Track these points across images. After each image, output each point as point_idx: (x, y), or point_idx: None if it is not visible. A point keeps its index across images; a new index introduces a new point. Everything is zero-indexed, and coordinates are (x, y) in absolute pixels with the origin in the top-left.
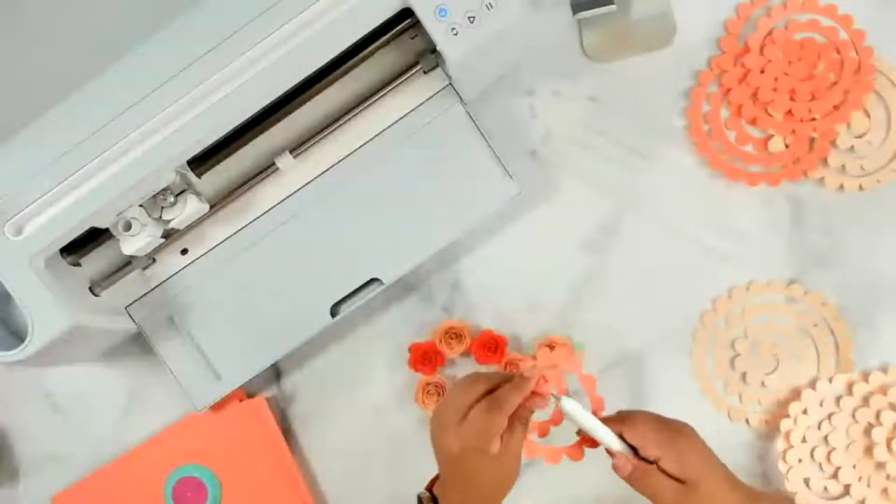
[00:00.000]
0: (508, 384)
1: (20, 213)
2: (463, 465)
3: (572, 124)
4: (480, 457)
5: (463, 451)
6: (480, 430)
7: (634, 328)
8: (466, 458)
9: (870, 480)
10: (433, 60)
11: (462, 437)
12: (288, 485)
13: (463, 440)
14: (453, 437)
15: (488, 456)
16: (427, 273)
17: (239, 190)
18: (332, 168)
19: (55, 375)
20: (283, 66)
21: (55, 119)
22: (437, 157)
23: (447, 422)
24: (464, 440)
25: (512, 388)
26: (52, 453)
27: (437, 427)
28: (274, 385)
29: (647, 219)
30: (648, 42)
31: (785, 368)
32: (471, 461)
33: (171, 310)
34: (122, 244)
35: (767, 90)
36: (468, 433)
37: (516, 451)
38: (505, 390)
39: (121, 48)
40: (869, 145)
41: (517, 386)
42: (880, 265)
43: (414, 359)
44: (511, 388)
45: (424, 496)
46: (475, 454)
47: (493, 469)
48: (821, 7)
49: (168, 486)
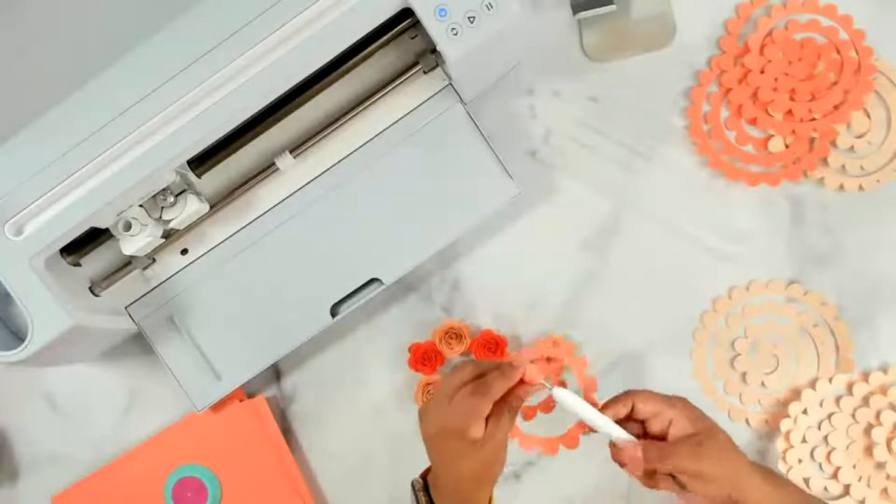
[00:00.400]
0: (496, 370)
1: (20, 213)
2: (441, 447)
3: (572, 124)
4: (460, 440)
5: (442, 433)
6: (462, 413)
7: (634, 328)
8: (446, 440)
9: (870, 480)
10: (433, 60)
11: (444, 418)
12: (288, 485)
13: (445, 420)
14: (436, 418)
15: (469, 439)
16: (427, 273)
17: (239, 190)
18: (332, 168)
19: (55, 375)
20: (283, 66)
21: (55, 119)
22: (437, 157)
23: (433, 403)
24: (446, 420)
25: (499, 374)
26: (52, 453)
27: (423, 409)
28: (274, 385)
29: (647, 219)
30: (648, 42)
31: (785, 368)
32: (451, 444)
33: (171, 310)
34: (122, 244)
35: (767, 90)
36: (450, 415)
37: (500, 439)
38: (492, 376)
39: (120, 48)
40: (869, 145)
41: (504, 372)
42: (880, 265)
43: (414, 359)
44: (498, 374)
45: (417, 483)
46: (453, 436)
47: (474, 454)
48: (821, 7)
49: (168, 486)
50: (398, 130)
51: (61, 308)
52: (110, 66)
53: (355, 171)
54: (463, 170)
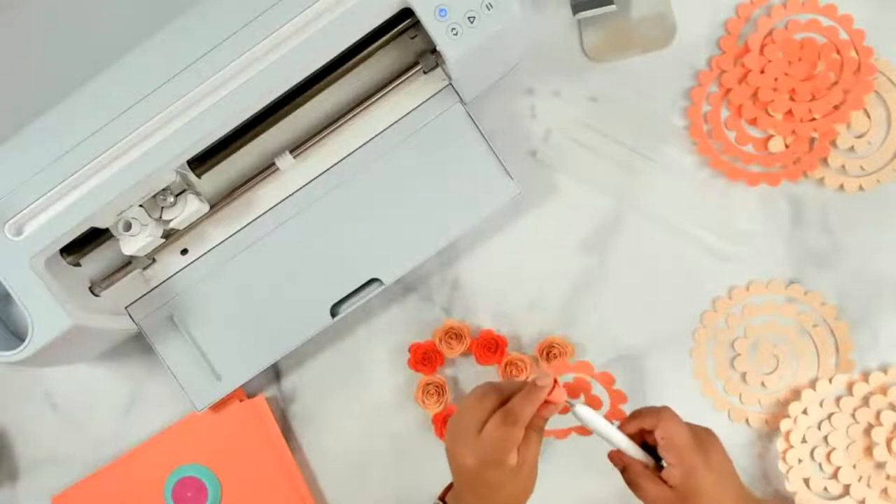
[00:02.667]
0: (520, 394)
1: (20, 213)
2: (481, 480)
3: (572, 124)
4: (498, 470)
5: (480, 466)
6: (497, 445)
7: (634, 328)
8: (484, 472)
9: (870, 480)
10: (433, 60)
11: (479, 451)
12: (288, 485)
13: (480, 455)
14: (469, 452)
15: (506, 469)
16: (427, 273)
17: (239, 190)
18: (332, 168)
19: (55, 375)
20: (283, 66)
21: (55, 119)
22: (437, 157)
23: (462, 437)
24: (481, 454)
25: (524, 399)
26: (52, 453)
27: (451, 442)
28: (274, 385)
29: (648, 219)
30: (648, 42)
31: (785, 368)
32: (489, 475)
33: (171, 310)
34: (122, 244)
35: (767, 90)
36: (485, 447)
37: (533, 462)
38: (518, 401)
39: (121, 48)
40: (869, 145)
41: (529, 396)
42: (880, 265)
43: (414, 359)
44: (523, 399)
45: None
46: (493, 468)
47: (511, 481)
48: (821, 7)
49: (168, 487)
50: (398, 130)
51: (61, 308)
52: (110, 66)
53: (355, 171)
54: (463, 170)
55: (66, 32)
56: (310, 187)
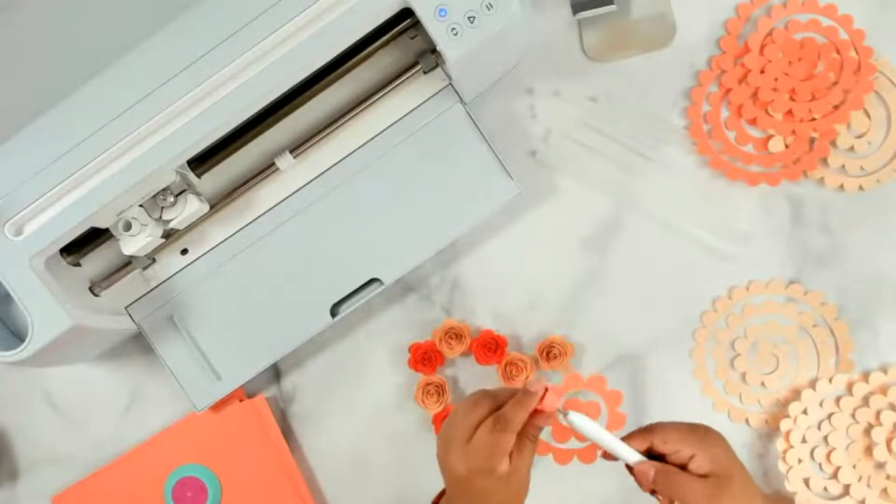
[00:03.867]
0: (512, 400)
1: (20, 213)
2: (471, 487)
3: (572, 124)
4: (489, 477)
5: (470, 473)
6: (488, 451)
7: (634, 328)
8: (474, 479)
9: (870, 480)
10: (433, 60)
11: (469, 457)
12: (288, 485)
13: (470, 461)
14: (460, 459)
15: (497, 476)
16: (427, 273)
17: (239, 190)
18: (332, 168)
19: (55, 375)
20: (283, 66)
21: (55, 119)
22: (437, 157)
23: (453, 443)
24: (471, 461)
25: (516, 405)
26: (52, 453)
27: (443, 448)
28: (274, 385)
29: (647, 219)
30: (648, 42)
31: (785, 368)
32: (479, 482)
33: (171, 310)
34: (122, 244)
35: (767, 90)
36: (475, 454)
37: (525, 470)
38: (510, 408)
39: (121, 48)
40: (869, 145)
41: (521, 402)
42: (880, 265)
43: (414, 359)
44: (515, 405)
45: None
46: (483, 475)
47: (502, 489)
48: (821, 7)
49: (168, 487)
50: (398, 130)
51: (61, 308)
52: (110, 65)
53: (355, 171)
54: (463, 170)
55: (66, 32)
56: (310, 187)
